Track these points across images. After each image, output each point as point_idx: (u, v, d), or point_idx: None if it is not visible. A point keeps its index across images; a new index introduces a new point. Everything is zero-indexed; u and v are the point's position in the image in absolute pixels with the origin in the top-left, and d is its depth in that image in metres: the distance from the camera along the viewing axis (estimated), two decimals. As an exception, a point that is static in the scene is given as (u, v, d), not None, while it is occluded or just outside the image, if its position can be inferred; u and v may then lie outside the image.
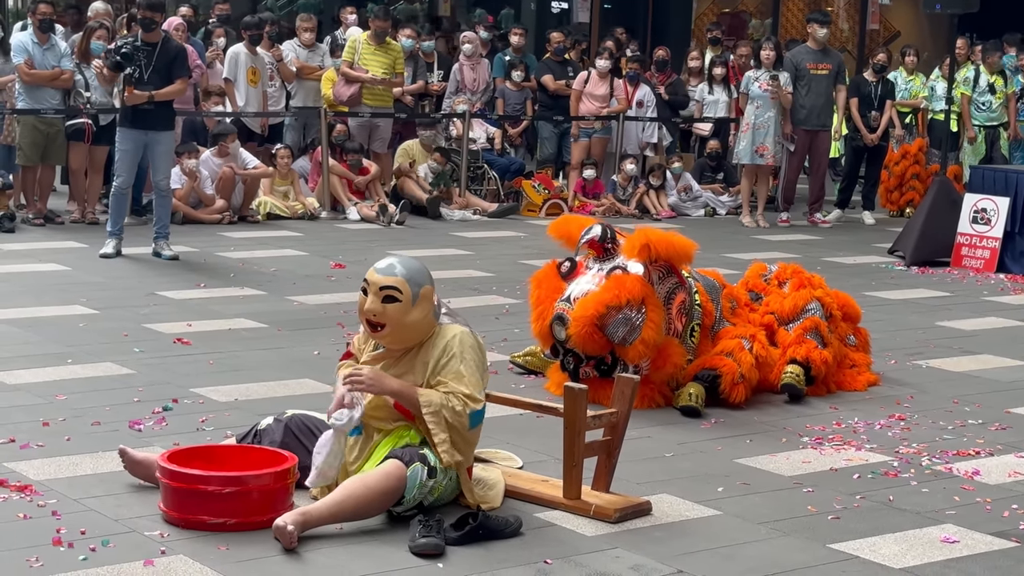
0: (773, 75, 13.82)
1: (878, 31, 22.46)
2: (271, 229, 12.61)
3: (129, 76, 10.55)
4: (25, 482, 5.28)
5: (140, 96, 10.53)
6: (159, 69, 10.65)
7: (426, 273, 5.19)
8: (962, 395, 7.36)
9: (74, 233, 11.86)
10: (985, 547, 5.06)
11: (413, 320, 5.10)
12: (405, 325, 5.10)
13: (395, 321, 5.08)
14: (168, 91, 10.70)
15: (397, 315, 5.07)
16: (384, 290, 5.08)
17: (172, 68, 10.76)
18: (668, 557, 4.83)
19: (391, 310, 5.07)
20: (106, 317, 8.52)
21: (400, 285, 5.08)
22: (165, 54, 10.73)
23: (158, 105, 10.65)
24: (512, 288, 9.85)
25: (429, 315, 5.16)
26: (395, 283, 5.08)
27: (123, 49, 10.63)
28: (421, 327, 5.14)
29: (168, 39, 11.04)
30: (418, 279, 5.13)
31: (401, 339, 5.16)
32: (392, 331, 5.11)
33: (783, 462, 6.03)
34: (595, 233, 6.93)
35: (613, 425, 5.33)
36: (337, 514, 4.88)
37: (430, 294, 5.15)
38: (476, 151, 14.75)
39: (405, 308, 5.07)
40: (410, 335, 5.15)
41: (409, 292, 5.08)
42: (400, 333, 5.13)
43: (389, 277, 5.10)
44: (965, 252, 11.92)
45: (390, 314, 5.08)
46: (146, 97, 10.54)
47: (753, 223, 14.11)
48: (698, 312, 7.03)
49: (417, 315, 5.11)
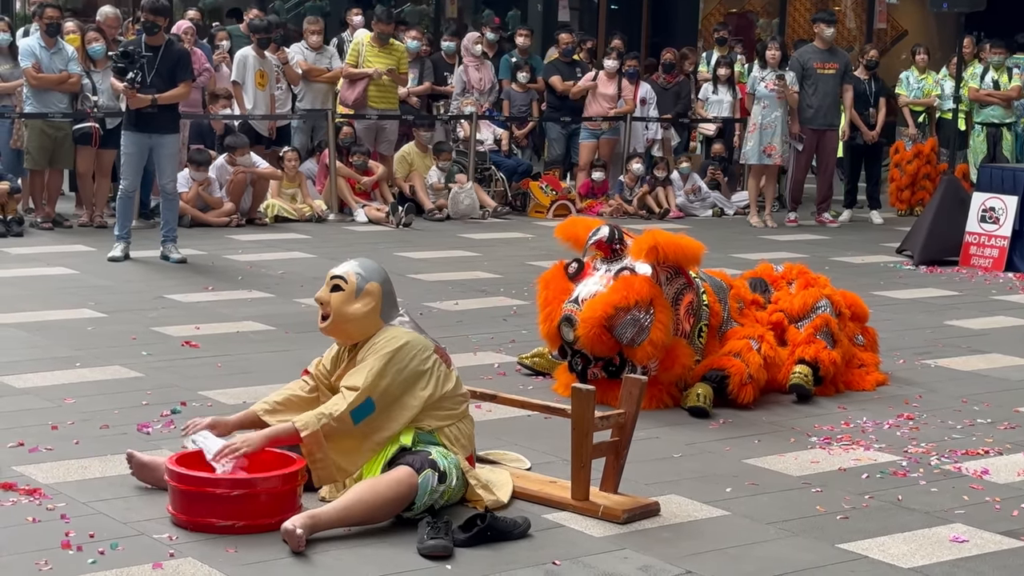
0: (779, 75, 13.81)
1: (885, 30, 22.44)
2: (279, 232, 12.62)
3: (132, 80, 10.51)
4: (34, 486, 5.29)
5: (143, 100, 10.51)
6: (162, 73, 10.62)
7: (380, 272, 5.34)
8: (971, 394, 7.35)
9: (82, 237, 11.87)
10: (994, 546, 5.05)
11: (353, 311, 5.19)
12: (345, 315, 5.20)
13: (336, 310, 5.21)
14: (171, 95, 10.69)
15: (338, 303, 5.21)
16: (333, 279, 5.27)
17: (175, 72, 10.73)
18: (676, 558, 4.83)
19: (334, 298, 5.22)
20: (114, 320, 8.53)
21: (347, 276, 5.25)
22: (168, 58, 10.69)
23: (162, 108, 10.63)
24: (520, 289, 9.85)
25: (373, 312, 5.23)
26: (343, 273, 5.27)
27: (124, 51, 10.64)
28: (362, 322, 5.22)
29: (171, 43, 11.00)
30: (368, 275, 5.28)
31: (342, 330, 5.25)
32: (333, 320, 5.23)
33: (791, 462, 6.03)
34: (603, 234, 6.93)
35: (621, 426, 5.32)
36: (346, 518, 4.88)
37: (376, 291, 5.25)
38: (483, 152, 14.75)
39: (347, 298, 5.20)
40: (350, 328, 5.23)
41: (354, 283, 5.23)
42: (340, 323, 5.22)
43: (339, 269, 5.31)
44: (973, 251, 11.90)
45: (333, 303, 5.22)
46: (148, 101, 10.52)
47: (761, 223, 14.10)
48: (706, 313, 7.02)
49: (358, 307, 5.20)
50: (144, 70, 10.55)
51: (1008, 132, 15.12)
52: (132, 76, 10.52)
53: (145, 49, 10.65)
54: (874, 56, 15.15)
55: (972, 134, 15.30)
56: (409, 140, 14.50)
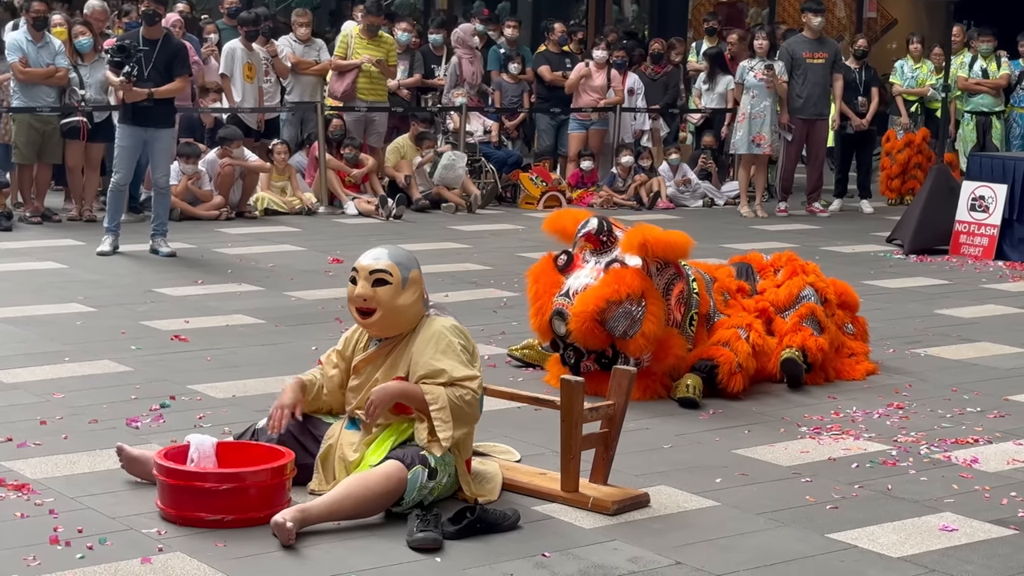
0: (768, 64, 13.80)
1: (875, 19, 22.43)
2: (269, 225, 12.60)
3: (128, 73, 10.40)
4: (22, 481, 5.28)
5: (139, 93, 10.44)
6: (159, 66, 10.53)
7: (414, 259, 5.27)
8: (961, 383, 7.36)
9: (71, 231, 11.85)
10: (984, 535, 5.06)
11: (403, 304, 5.13)
12: (395, 309, 5.12)
13: (386, 304, 5.11)
14: (168, 89, 10.63)
15: (388, 298, 5.11)
16: (374, 274, 5.14)
17: (172, 65, 10.65)
18: (666, 549, 4.83)
19: (381, 293, 5.11)
20: (103, 315, 8.51)
21: (391, 268, 5.15)
22: (166, 51, 10.62)
23: (157, 102, 10.58)
24: (510, 281, 9.84)
25: (418, 301, 5.19)
26: (385, 267, 5.15)
27: (121, 45, 10.56)
28: (411, 312, 5.16)
29: (169, 36, 10.94)
30: (407, 263, 5.20)
31: (392, 324, 5.17)
32: (383, 315, 5.13)
33: (781, 452, 6.03)
34: (592, 226, 6.92)
35: (610, 417, 5.32)
36: (335, 512, 4.87)
37: (418, 278, 5.21)
38: (474, 144, 14.74)
39: (395, 291, 5.12)
40: (400, 320, 5.17)
41: (399, 275, 5.14)
42: (391, 318, 5.15)
43: (379, 262, 5.17)
44: (963, 240, 11.91)
45: (380, 297, 5.11)
46: (145, 94, 10.46)
47: (751, 213, 14.10)
48: (696, 300, 7.02)
49: (407, 299, 5.14)
50: (141, 64, 10.46)
51: (997, 120, 15.13)
52: (128, 70, 10.42)
53: (143, 42, 10.59)
54: (862, 45, 15.16)
55: (962, 123, 15.31)
56: (400, 133, 14.48)
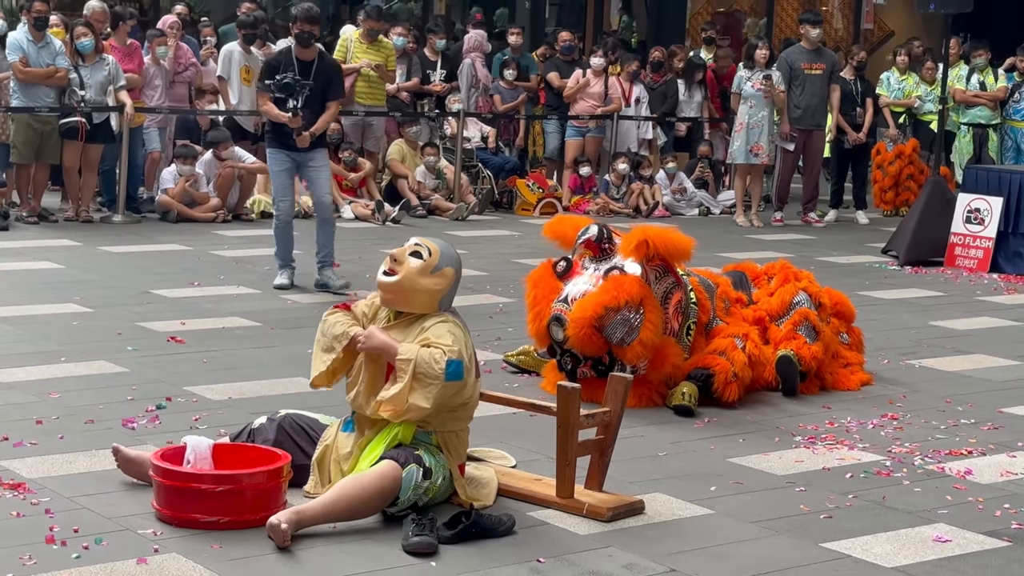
0: (767, 74, 13.84)
1: (872, 31, 22.48)
2: (265, 227, 12.53)
3: (294, 108, 9.35)
4: (18, 480, 5.28)
5: (304, 139, 9.42)
6: (315, 90, 9.51)
7: (458, 262, 5.31)
8: (955, 395, 7.37)
9: (68, 231, 11.85)
10: (977, 546, 5.07)
11: (422, 284, 5.16)
12: (414, 283, 5.15)
13: (408, 274, 5.15)
14: (323, 123, 9.61)
15: (413, 270, 5.16)
16: (417, 246, 5.23)
17: (327, 90, 9.62)
18: (661, 556, 4.84)
19: (410, 263, 5.17)
20: (100, 315, 8.51)
21: (432, 249, 5.23)
22: (321, 74, 9.56)
23: (306, 123, 9.52)
24: (506, 287, 9.85)
25: (438, 294, 5.20)
26: (429, 246, 5.25)
27: (284, 81, 9.37)
28: (423, 296, 5.18)
29: (323, 57, 9.81)
30: (449, 259, 5.25)
31: (403, 295, 5.19)
32: (400, 281, 5.15)
33: (776, 461, 6.04)
34: (592, 233, 6.93)
35: (606, 424, 5.33)
36: (331, 514, 4.88)
37: (450, 276, 5.23)
38: (470, 149, 14.75)
39: (423, 268, 5.17)
40: (412, 296, 5.18)
41: (436, 259, 5.20)
42: (406, 289, 5.16)
43: (427, 240, 5.29)
44: (958, 252, 11.93)
45: (407, 266, 5.17)
46: (308, 141, 9.44)
47: (747, 222, 14.12)
48: (694, 310, 7.03)
49: (429, 283, 5.17)
50: (303, 89, 9.45)
51: (994, 133, 15.17)
52: (293, 105, 9.37)
53: (296, 64, 9.51)
54: (862, 58, 15.20)
55: (958, 135, 15.35)
56: (398, 137, 14.50)
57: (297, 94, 9.36)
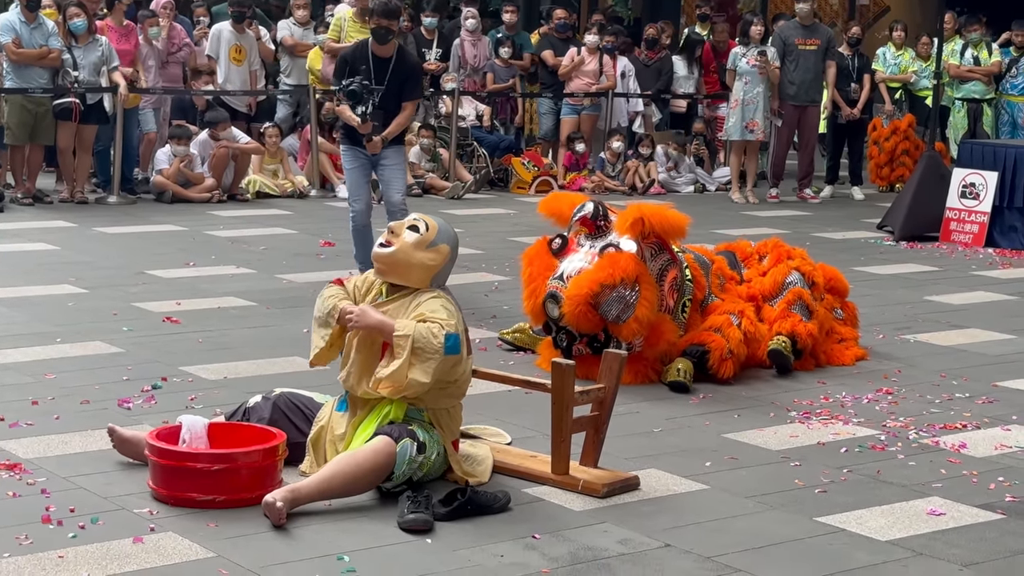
0: (761, 51, 13.81)
1: (868, 6, 22.43)
2: (260, 207, 12.60)
3: (364, 114, 8.73)
4: (14, 460, 5.29)
5: (376, 145, 8.82)
6: (392, 88, 8.84)
7: (455, 241, 5.33)
8: (949, 369, 7.39)
9: (63, 212, 11.84)
10: (971, 519, 5.08)
11: (418, 259, 5.18)
12: (409, 256, 5.17)
13: (403, 247, 5.18)
14: (396, 128, 8.94)
15: (409, 243, 5.18)
16: (415, 220, 5.27)
17: (403, 90, 8.92)
18: (656, 531, 4.85)
19: (406, 236, 5.20)
20: (95, 296, 8.52)
21: (429, 225, 5.26)
22: (399, 73, 8.87)
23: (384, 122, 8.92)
24: (501, 265, 9.86)
25: (431, 270, 5.22)
26: (427, 221, 5.27)
27: (350, 88, 8.74)
28: (417, 270, 5.20)
29: (403, 52, 9.12)
30: (445, 236, 5.28)
31: (397, 267, 5.20)
32: (394, 253, 5.18)
33: (771, 436, 6.06)
34: (587, 210, 6.94)
35: (601, 400, 5.34)
36: (326, 491, 4.89)
37: (445, 253, 5.25)
38: (465, 128, 14.73)
39: (419, 243, 5.19)
40: (404, 269, 5.20)
41: (432, 235, 5.23)
42: (399, 261, 5.18)
43: (425, 217, 5.32)
44: (954, 227, 11.94)
45: (403, 239, 5.19)
46: (379, 147, 8.84)
47: (742, 199, 14.12)
48: (689, 287, 7.04)
49: (423, 258, 5.19)
50: (372, 101, 8.78)
51: (989, 108, 15.16)
52: (363, 111, 8.73)
53: (372, 60, 8.84)
54: (856, 33, 15.19)
55: (952, 110, 15.34)
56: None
57: (365, 101, 8.72)
